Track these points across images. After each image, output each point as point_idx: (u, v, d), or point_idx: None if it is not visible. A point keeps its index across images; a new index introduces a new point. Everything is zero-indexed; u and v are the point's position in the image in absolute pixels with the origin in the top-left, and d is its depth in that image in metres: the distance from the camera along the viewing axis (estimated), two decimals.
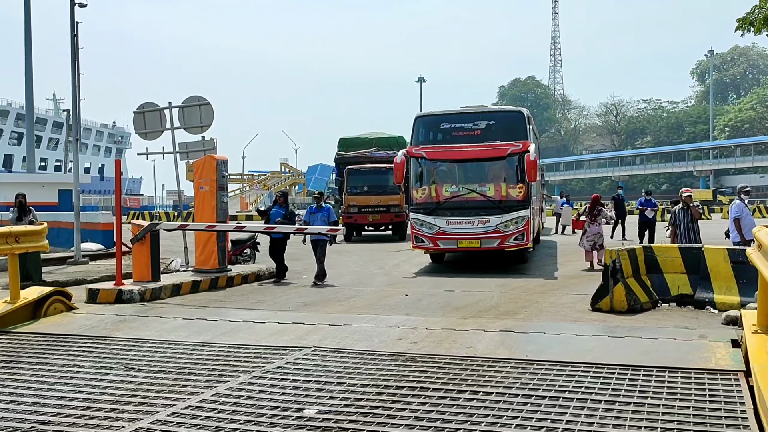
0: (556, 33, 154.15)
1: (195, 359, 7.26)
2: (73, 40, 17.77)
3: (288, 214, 14.26)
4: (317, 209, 14.15)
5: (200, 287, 12.41)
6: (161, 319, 9.48)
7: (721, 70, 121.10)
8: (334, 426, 5.09)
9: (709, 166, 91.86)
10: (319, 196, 14.61)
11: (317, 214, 14.01)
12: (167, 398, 5.85)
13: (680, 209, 13.80)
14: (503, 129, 16.00)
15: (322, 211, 14.05)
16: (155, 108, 14.88)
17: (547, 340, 7.77)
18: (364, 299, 11.45)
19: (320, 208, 14.08)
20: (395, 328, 8.53)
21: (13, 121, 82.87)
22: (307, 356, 7.30)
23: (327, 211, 14.05)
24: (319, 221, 13.81)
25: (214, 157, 13.36)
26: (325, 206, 14.24)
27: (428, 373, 6.53)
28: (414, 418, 5.24)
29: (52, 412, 5.51)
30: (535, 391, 5.88)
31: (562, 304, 10.63)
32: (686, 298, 10.26)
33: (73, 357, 7.45)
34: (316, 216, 14.00)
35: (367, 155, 28.41)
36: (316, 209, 14.17)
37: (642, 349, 7.28)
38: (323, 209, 14.08)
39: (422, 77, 75.82)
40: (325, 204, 14.41)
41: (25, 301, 9.27)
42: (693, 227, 13.68)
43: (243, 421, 5.22)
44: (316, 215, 14.03)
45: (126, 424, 5.19)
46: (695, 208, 13.78)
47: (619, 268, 9.88)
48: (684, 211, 13.81)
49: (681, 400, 5.58)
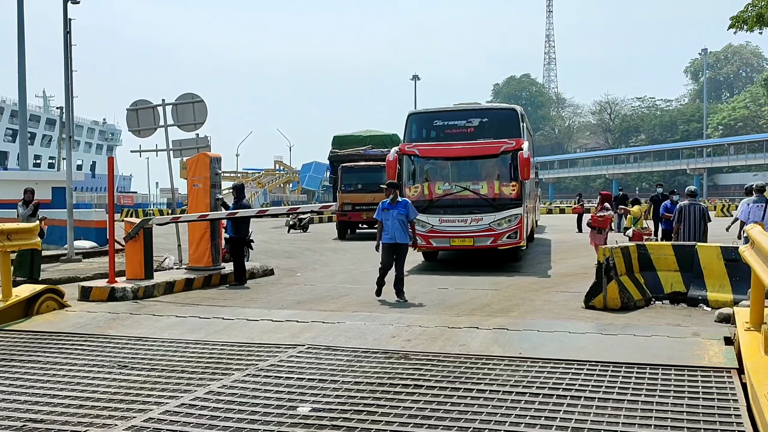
0: (550, 31, 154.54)
1: (188, 357, 7.24)
2: (66, 37, 17.69)
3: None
4: (391, 204, 11.18)
5: (194, 285, 12.37)
6: (154, 317, 9.46)
7: (715, 68, 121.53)
8: (328, 424, 5.08)
9: (703, 165, 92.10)
10: (393, 187, 11.46)
11: (392, 211, 11.08)
12: (160, 396, 5.83)
13: (686, 206, 13.79)
14: (496, 127, 15.94)
15: (398, 206, 11.13)
16: (149, 105, 14.82)
17: (540, 338, 7.77)
18: (357, 297, 11.44)
19: (395, 203, 11.17)
20: (389, 326, 8.53)
21: (7, 118, 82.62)
22: (301, 354, 7.29)
23: (405, 207, 11.15)
24: (395, 220, 10.99)
25: (208, 155, 13.31)
26: (401, 200, 11.35)
27: (422, 371, 6.53)
28: (408, 415, 5.24)
29: (44, 410, 5.49)
30: (529, 389, 5.88)
31: (556, 302, 10.64)
32: (679, 295, 10.27)
33: (65, 355, 7.42)
34: (390, 213, 11.06)
35: (361, 153, 28.42)
36: (390, 204, 11.18)
37: (635, 346, 7.30)
38: (399, 204, 11.17)
39: (416, 75, 75.67)
40: (400, 198, 11.44)
41: (17, 299, 9.23)
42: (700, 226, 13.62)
43: (237, 419, 5.20)
44: (390, 212, 11.08)
45: (119, 422, 5.17)
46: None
47: (612, 266, 9.90)
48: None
49: (674, 397, 5.59)
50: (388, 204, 11.18)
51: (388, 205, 11.16)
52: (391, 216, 11.04)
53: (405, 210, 11.11)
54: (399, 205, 11.13)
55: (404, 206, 11.17)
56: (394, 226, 10.99)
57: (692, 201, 13.10)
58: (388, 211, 11.10)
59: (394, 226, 10.99)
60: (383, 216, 11.13)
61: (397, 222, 10.99)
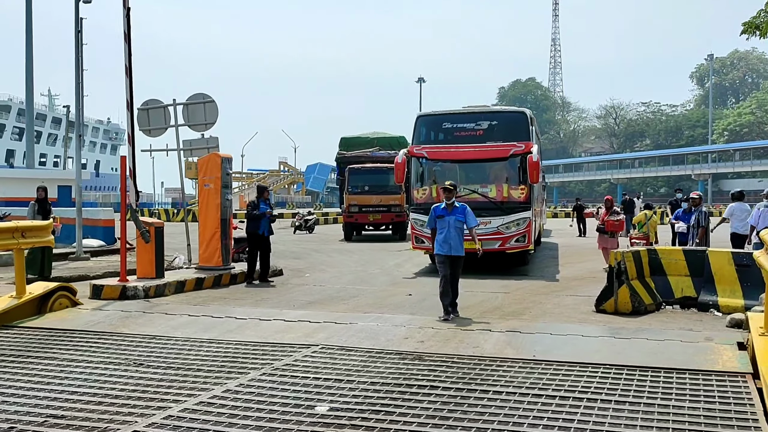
0: (556, 35, 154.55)
1: (203, 356, 7.28)
2: (78, 36, 17.77)
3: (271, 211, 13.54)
4: (447, 209, 9.58)
5: (204, 284, 12.42)
6: (167, 315, 9.50)
7: (721, 74, 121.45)
8: (347, 423, 5.10)
9: (708, 170, 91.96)
10: (452, 188, 9.72)
11: (448, 218, 9.46)
12: (178, 394, 5.87)
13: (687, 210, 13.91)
14: (505, 130, 15.90)
15: (456, 212, 9.54)
16: (159, 105, 14.87)
17: (553, 341, 7.80)
18: (367, 298, 11.47)
19: (452, 208, 9.59)
20: (401, 327, 8.56)
21: (14, 117, 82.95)
22: (315, 354, 7.32)
23: (463, 213, 9.54)
24: (453, 228, 9.42)
25: (219, 155, 13.36)
26: (460, 205, 9.69)
27: (437, 372, 6.56)
28: (426, 416, 5.26)
29: (64, 407, 5.52)
30: (545, 391, 5.91)
31: (566, 306, 10.66)
32: (690, 300, 10.30)
33: (81, 352, 7.46)
34: (446, 221, 9.47)
35: (369, 155, 28.47)
36: (446, 210, 9.58)
37: (648, 350, 7.32)
38: (457, 209, 9.57)
39: (422, 78, 75.85)
40: (458, 203, 9.80)
41: (30, 296, 9.28)
42: (697, 231, 13.76)
43: (255, 418, 5.23)
44: (446, 219, 9.47)
45: (139, 419, 5.21)
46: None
47: (623, 270, 9.92)
48: (692, 214, 13.94)
49: (690, 401, 5.61)
50: (443, 209, 9.59)
51: (443, 211, 9.56)
52: (447, 224, 9.43)
53: (464, 216, 9.51)
54: (457, 210, 9.52)
55: (463, 212, 9.53)
56: (450, 235, 9.41)
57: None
58: (444, 218, 9.49)
59: (451, 234, 9.41)
60: (438, 223, 9.53)
61: (454, 231, 9.41)
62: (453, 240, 9.43)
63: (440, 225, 9.50)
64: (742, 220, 13.39)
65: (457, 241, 9.44)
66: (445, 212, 9.54)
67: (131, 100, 12.12)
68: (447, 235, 9.43)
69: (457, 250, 9.44)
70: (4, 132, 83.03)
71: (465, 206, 9.71)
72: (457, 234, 9.44)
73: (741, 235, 13.39)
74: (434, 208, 9.75)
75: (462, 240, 9.52)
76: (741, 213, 13.54)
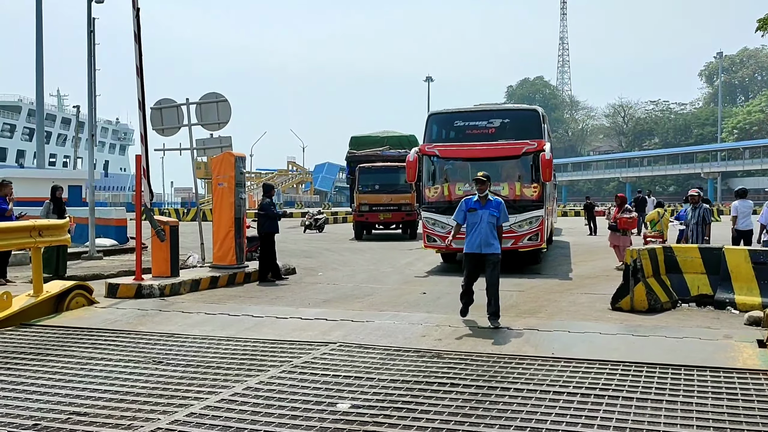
0: (564, 34, 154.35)
1: (222, 353, 7.29)
2: (90, 36, 17.81)
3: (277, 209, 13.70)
4: (480, 202, 8.76)
5: (218, 283, 12.44)
6: (183, 314, 9.53)
7: (730, 72, 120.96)
8: (370, 421, 5.11)
9: (717, 168, 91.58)
10: (485, 180, 8.86)
11: (481, 212, 8.66)
12: (199, 392, 5.88)
13: (690, 209, 13.82)
14: (518, 128, 15.82)
15: (490, 206, 8.70)
16: (173, 104, 14.89)
17: (571, 339, 7.78)
18: (382, 296, 11.47)
19: (486, 202, 8.76)
20: (418, 325, 8.56)
21: (25, 117, 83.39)
22: (334, 351, 7.33)
23: (497, 208, 8.70)
24: (485, 224, 8.60)
25: (233, 154, 13.38)
26: (494, 199, 8.83)
27: (456, 370, 6.56)
28: (447, 413, 5.26)
29: (86, 404, 5.54)
30: (565, 389, 5.90)
31: (581, 304, 10.63)
32: (706, 298, 10.24)
33: (100, 350, 7.48)
34: (478, 215, 8.66)
35: (379, 154, 28.44)
36: (478, 203, 8.77)
37: (667, 348, 7.30)
38: (491, 203, 8.72)
39: (430, 77, 75.78)
40: (492, 196, 8.92)
41: (47, 295, 9.32)
42: (703, 228, 13.67)
43: (278, 415, 5.24)
44: (478, 213, 8.68)
45: (162, 416, 5.22)
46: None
47: (639, 268, 9.88)
48: (693, 211, 13.85)
49: (713, 398, 5.61)
50: (475, 202, 8.77)
51: (476, 204, 8.74)
52: (479, 218, 8.63)
53: (498, 211, 8.67)
54: (491, 204, 8.69)
55: (497, 207, 8.68)
56: (481, 232, 8.60)
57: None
58: (476, 212, 8.68)
59: (482, 231, 8.60)
60: (469, 218, 8.75)
61: (486, 226, 8.58)
62: (485, 236, 8.58)
63: (471, 219, 8.69)
64: (745, 217, 13.86)
65: (490, 238, 8.58)
66: (478, 206, 8.70)
67: (143, 100, 12.15)
68: (478, 231, 8.60)
69: (490, 246, 8.59)
70: (15, 132, 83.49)
71: (500, 201, 8.83)
72: (490, 230, 8.59)
73: (743, 232, 13.80)
74: (465, 200, 8.91)
75: (496, 236, 8.66)
76: (744, 210, 13.96)
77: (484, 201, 8.73)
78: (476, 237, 8.62)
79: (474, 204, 8.76)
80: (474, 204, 8.76)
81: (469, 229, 8.74)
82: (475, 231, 8.65)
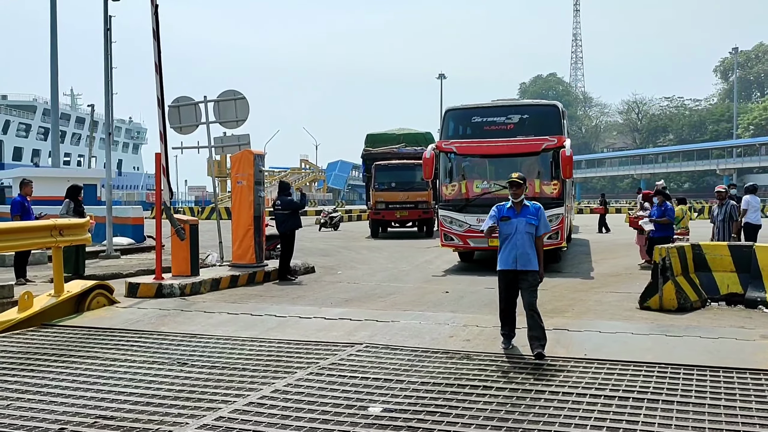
0: (577, 30, 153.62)
1: (246, 355, 7.17)
2: (106, 34, 17.77)
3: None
4: (515, 209, 7.21)
5: (238, 282, 12.34)
6: (205, 314, 9.41)
7: (745, 67, 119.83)
8: (403, 425, 4.96)
9: (733, 165, 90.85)
10: (521, 182, 7.21)
11: (516, 222, 7.13)
12: (226, 394, 5.75)
13: (716, 206, 13.70)
14: (537, 124, 15.52)
15: (526, 212, 7.17)
16: (190, 102, 14.79)
17: (603, 339, 7.60)
18: (404, 296, 11.32)
19: (522, 207, 7.20)
20: (444, 325, 8.42)
21: (40, 117, 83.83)
22: (360, 353, 7.19)
23: (536, 215, 7.17)
24: (522, 234, 7.09)
25: (252, 152, 13.28)
26: (532, 205, 7.26)
27: (487, 372, 6.41)
28: (483, 418, 5.11)
29: (112, 407, 5.42)
30: (602, 391, 5.73)
31: (608, 303, 10.44)
32: (736, 297, 10.02)
33: (123, 351, 7.37)
34: (512, 224, 7.14)
35: (395, 151, 28.28)
36: (512, 210, 7.21)
37: (702, 348, 7.12)
38: (527, 210, 7.19)
39: (443, 74, 75.42)
40: (531, 203, 7.33)
41: (68, 295, 9.23)
42: (730, 225, 13.52)
43: (309, 419, 5.10)
44: (513, 223, 7.14)
45: (190, 420, 5.09)
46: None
47: (668, 266, 9.68)
48: (719, 208, 13.68)
49: (756, 401, 5.42)
50: (509, 209, 7.24)
51: (509, 212, 7.22)
52: (514, 227, 7.14)
53: (537, 219, 7.16)
54: (527, 210, 7.18)
55: (535, 213, 7.17)
56: (518, 243, 7.10)
57: None
58: (509, 221, 7.17)
59: (519, 242, 7.10)
60: (502, 228, 7.23)
61: (524, 237, 7.09)
62: (522, 249, 7.07)
63: (505, 230, 7.20)
64: (755, 212, 14.13)
65: (527, 251, 7.08)
66: (512, 213, 7.18)
67: (162, 98, 12.03)
68: (513, 244, 7.13)
69: (527, 262, 7.06)
70: (30, 132, 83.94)
71: (539, 206, 7.30)
72: (528, 241, 7.09)
73: (754, 225, 14.02)
74: (498, 206, 7.34)
75: (534, 249, 7.15)
76: (755, 204, 14.21)
77: (519, 207, 7.17)
78: (511, 250, 7.11)
79: (508, 211, 7.22)
80: (508, 211, 7.22)
81: (502, 241, 7.26)
82: (509, 243, 7.15)
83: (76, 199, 12.98)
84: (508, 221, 7.16)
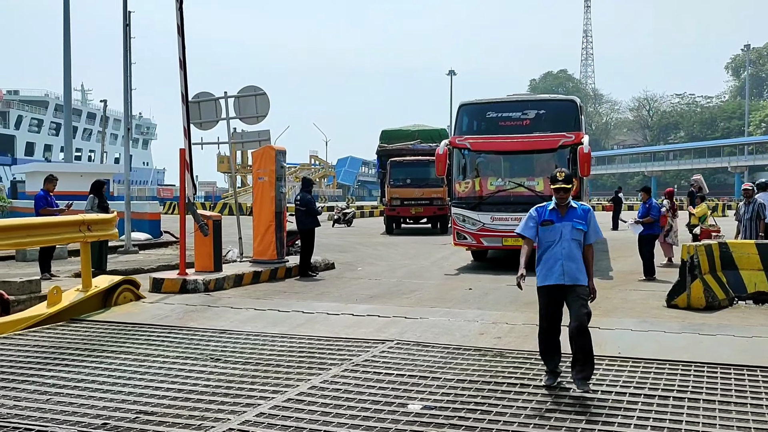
0: (588, 26, 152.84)
1: (278, 351, 7.16)
2: (125, 29, 17.77)
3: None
4: (558, 210, 5.97)
5: (261, 278, 12.33)
6: (233, 309, 9.42)
7: (757, 64, 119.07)
8: (445, 422, 4.95)
9: (745, 162, 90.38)
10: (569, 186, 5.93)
11: (560, 226, 5.91)
12: (263, 390, 5.75)
13: (743, 204, 13.55)
14: (553, 119, 14.96)
15: (572, 215, 5.94)
16: (211, 98, 14.77)
17: (635, 338, 7.57)
18: (428, 292, 11.30)
19: (567, 209, 5.97)
20: (474, 323, 8.39)
21: (52, 112, 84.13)
22: (392, 349, 7.18)
23: (585, 219, 5.93)
24: (567, 242, 5.86)
25: (273, 148, 13.26)
26: (579, 206, 6.01)
27: (523, 369, 6.39)
28: (525, 415, 5.10)
29: (152, 403, 5.43)
30: (641, 390, 5.71)
31: (634, 300, 10.39)
32: (764, 295, 9.94)
33: (155, 347, 7.38)
34: (555, 229, 5.91)
35: (410, 147, 28.26)
36: (555, 213, 5.97)
37: (737, 347, 7.08)
38: (574, 212, 5.95)
39: (453, 70, 75.43)
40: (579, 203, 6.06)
41: (96, 290, 9.26)
42: (757, 224, 13.38)
43: (349, 416, 5.10)
44: (557, 228, 5.91)
45: (231, 416, 5.10)
46: None
47: (696, 264, 9.62)
48: (746, 206, 13.54)
49: None
50: (552, 211, 6.01)
51: (552, 214, 5.99)
52: (558, 233, 5.92)
53: (586, 224, 5.95)
54: (574, 213, 5.95)
55: (584, 217, 5.94)
56: (562, 253, 5.87)
57: None
58: (552, 225, 5.95)
59: (564, 252, 5.87)
60: (542, 234, 6.00)
61: (570, 245, 5.87)
62: (568, 259, 5.84)
63: (546, 236, 5.96)
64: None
65: (575, 261, 5.87)
66: (555, 216, 5.96)
67: (186, 93, 12.02)
68: (557, 253, 5.88)
69: (577, 276, 5.85)
70: (42, 127, 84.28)
71: (588, 208, 6.09)
72: (575, 250, 5.87)
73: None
74: (537, 208, 6.12)
75: (581, 260, 5.94)
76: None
77: (564, 210, 5.96)
78: (555, 261, 5.88)
79: (550, 214, 6.00)
80: (550, 214, 6.00)
81: (543, 250, 6.02)
82: (551, 253, 5.93)
83: (100, 194, 12.98)
84: (550, 226, 5.95)
